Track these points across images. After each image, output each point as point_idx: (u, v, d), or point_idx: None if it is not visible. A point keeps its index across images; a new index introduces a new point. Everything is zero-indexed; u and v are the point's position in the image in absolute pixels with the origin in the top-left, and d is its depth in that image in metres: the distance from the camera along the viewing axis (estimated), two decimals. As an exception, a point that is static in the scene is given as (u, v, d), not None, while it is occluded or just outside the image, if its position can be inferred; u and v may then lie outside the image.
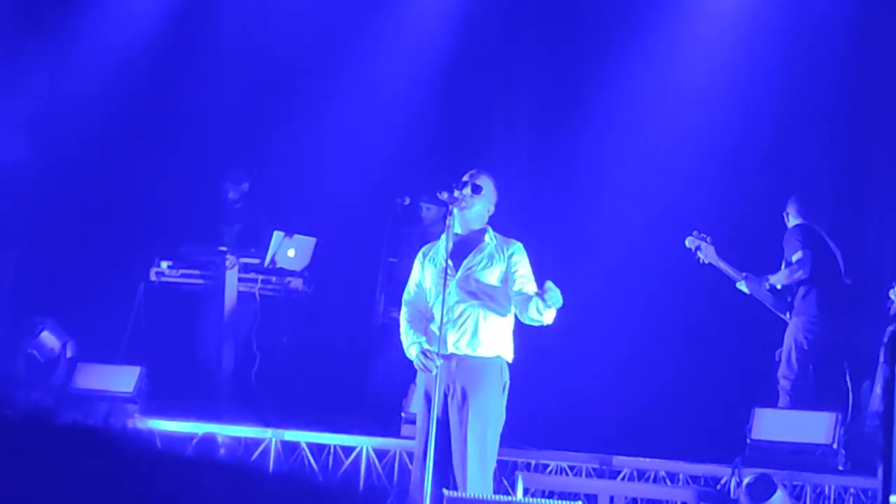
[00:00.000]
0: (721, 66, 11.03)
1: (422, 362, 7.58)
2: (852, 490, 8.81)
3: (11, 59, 11.63)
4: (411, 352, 7.68)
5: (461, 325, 7.60)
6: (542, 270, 7.95)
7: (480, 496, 7.40)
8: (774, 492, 8.23)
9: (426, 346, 7.61)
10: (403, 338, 7.75)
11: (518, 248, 7.74)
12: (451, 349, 7.55)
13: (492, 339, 7.62)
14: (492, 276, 7.67)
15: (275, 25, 11.90)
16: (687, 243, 9.92)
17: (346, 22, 11.90)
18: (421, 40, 11.77)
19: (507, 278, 7.66)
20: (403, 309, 7.88)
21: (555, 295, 7.29)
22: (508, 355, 7.66)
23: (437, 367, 7.53)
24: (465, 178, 7.77)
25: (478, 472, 7.52)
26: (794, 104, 10.93)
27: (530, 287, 7.59)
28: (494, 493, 7.70)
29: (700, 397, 10.22)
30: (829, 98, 10.80)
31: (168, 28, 11.98)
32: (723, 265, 9.89)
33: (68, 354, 10.66)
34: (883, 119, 10.66)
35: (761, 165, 10.87)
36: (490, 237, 7.76)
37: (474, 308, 7.63)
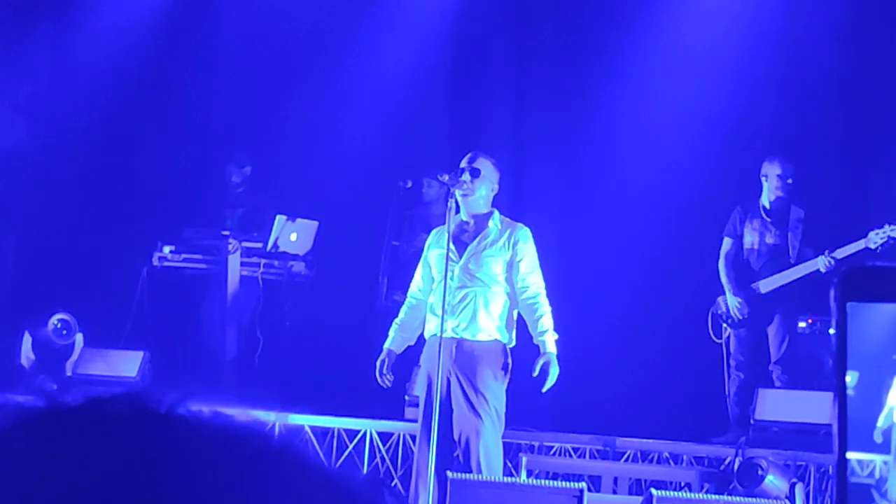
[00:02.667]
0: (723, 51, 11.01)
1: (377, 371, 7.82)
2: (857, 470, 8.79)
3: (11, 41, 11.60)
4: (387, 340, 7.97)
5: (462, 310, 7.62)
6: (546, 254, 7.95)
7: (494, 477, 7.42)
8: (764, 478, 8.25)
9: (386, 356, 7.85)
10: (393, 322, 8.02)
11: (524, 234, 7.72)
12: (451, 333, 7.57)
13: (492, 323, 7.64)
14: (496, 263, 7.67)
15: (277, 8, 11.87)
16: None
17: (348, 4, 11.88)
18: (424, 22, 11.74)
19: (511, 265, 7.67)
20: (407, 294, 7.99)
21: (551, 378, 7.58)
22: (510, 339, 7.68)
23: (385, 384, 7.82)
24: (462, 164, 7.76)
25: (494, 449, 7.57)
26: (794, 87, 10.92)
27: (534, 278, 7.62)
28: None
29: (704, 378, 10.21)
30: (831, 82, 10.79)
31: (170, 10, 11.96)
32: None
33: (80, 341, 10.66)
34: (884, 108, 10.65)
35: (762, 151, 10.86)
36: (495, 222, 7.74)
37: (475, 293, 7.64)
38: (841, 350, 1.07)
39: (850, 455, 1.10)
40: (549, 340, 7.58)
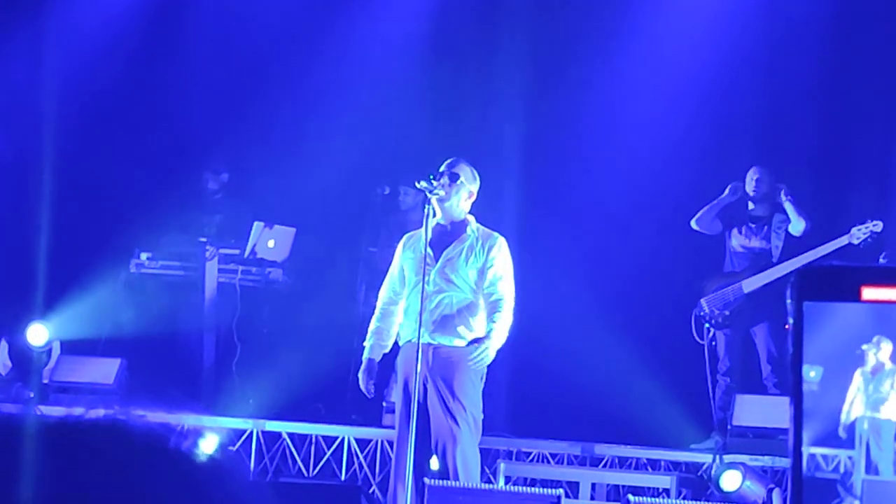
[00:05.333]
0: (703, 49, 11.04)
1: (360, 378, 7.81)
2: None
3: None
4: (365, 350, 7.91)
5: (437, 315, 7.62)
6: (523, 260, 7.95)
7: (471, 483, 7.42)
8: (741, 483, 8.28)
9: (368, 357, 7.83)
10: (369, 332, 7.96)
11: (499, 243, 7.74)
12: (427, 339, 7.57)
13: (468, 329, 7.64)
14: (471, 269, 7.68)
15: (255, 15, 11.86)
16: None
17: (326, 10, 11.87)
18: (401, 28, 11.74)
19: (482, 272, 7.68)
20: (379, 300, 7.97)
21: (480, 351, 7.57)
22: None
23: (368, 393, 7.82)
24: (441, 169, 7.78)
25: (472, 455, 7.56)
26: (770, 90, 10.96)
27: (503, 286, 7.67)
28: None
29: (682, 384, 10.22)
30: (813, 80, 10.83)
31: (147, 17, 11.94)
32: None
33: (57, 348, 10.62)
34: (866, 106, 10.69)
35: (740, 157, 10.88)
36: (472, 229, 7.74)
37: (451, 298, 7.65)
38: (797, 348, 1.07)
39: (815, 450, 1.11)
40: (494, 335, 7.57)
